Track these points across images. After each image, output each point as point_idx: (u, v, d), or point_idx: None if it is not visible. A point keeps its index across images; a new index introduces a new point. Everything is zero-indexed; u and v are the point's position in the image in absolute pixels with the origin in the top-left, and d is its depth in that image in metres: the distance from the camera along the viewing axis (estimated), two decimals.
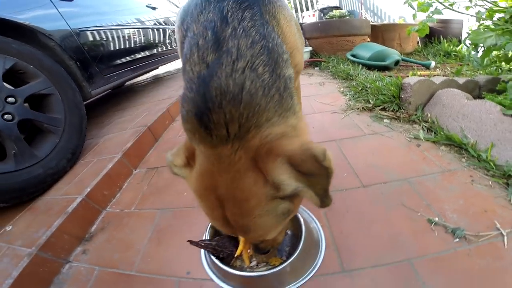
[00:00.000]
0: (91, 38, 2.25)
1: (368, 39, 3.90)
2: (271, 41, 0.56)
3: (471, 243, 0.86)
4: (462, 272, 0.79)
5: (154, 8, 3.79)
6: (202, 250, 1.12)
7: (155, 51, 3.56)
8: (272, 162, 0.48)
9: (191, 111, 0.50)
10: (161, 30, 3.73)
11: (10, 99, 1.39)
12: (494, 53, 1.94)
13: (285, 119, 0.54)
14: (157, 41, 3.62)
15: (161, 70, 6.14)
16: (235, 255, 0.97)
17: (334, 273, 0.88)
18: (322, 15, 7.15)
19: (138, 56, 3.10)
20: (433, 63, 2.98)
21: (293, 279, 0.90)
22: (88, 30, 2.22)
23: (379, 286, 0.81)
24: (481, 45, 1.81)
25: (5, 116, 1.35)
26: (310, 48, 3.98)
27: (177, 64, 7.11)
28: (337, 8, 7.11)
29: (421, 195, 1.10)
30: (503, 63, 2.11)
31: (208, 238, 1.10)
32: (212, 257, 0.98)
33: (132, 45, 2.95)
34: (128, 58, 2.85)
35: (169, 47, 4.01)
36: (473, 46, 2.10)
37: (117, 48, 2.65)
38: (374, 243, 0.95)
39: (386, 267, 0.86)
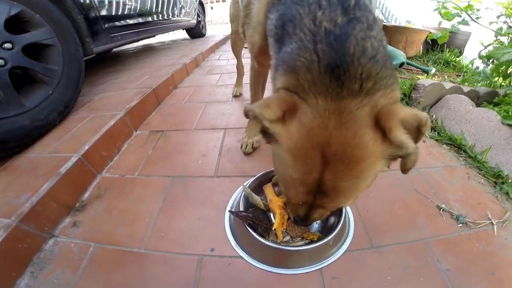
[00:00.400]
0: None
1: None
2: None
3: (470, 229, 0.94)
4: (465, 253, 0.85)
5: None
6: (227, 224, 0.97)
7: (160, 18, 3.30)
8: (394, 122, 0.46)
9: (317, 60, 0.48)
10: None
11: (7, 45, 1.18)
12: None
13: (398, 88, 0.53)
14: (165, 8, 3.38)
15: (154, 40, 5.69)
16: (273, 229, 0.87)
17: (364, 249, 0.87)
18: None
19: (145, 20, 2.89)
20: (433, 70, 2.92)
21: (332, 253, 0.86)
22: None
23: (404, 262, 0.83)
24: (491, 59, 2.03)
25: None
26: None
27: (170, 36, 6.68)
28: None
29: (430, 184, 1.13)
30: (500, 78, 2.17)
31: (243, 210, 0.91)
32: (251, 231, 0.84)
33: (142, 8, 2.77)
34: (136, 21, 2.68)
35: (172, 17, 3.68)
36: (485, 59, 2.31)
37: (127, 9, 2.46)
38: (397, 222, 0.96)
39: (408, 245, 0.88)
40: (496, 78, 2.27)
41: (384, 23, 3.77)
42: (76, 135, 1.25)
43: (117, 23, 2.30)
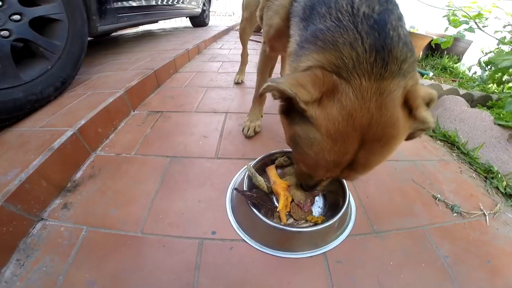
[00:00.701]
0: None
1: None
2: None
3: (465, 218, 0.95)
4: (461, 241, 0.86)
5: None
6: (228, 207, 0.91)
7: (168, 2, 3.20)
8: (419, 100, 0.49)
9: (361, 39, 0.47)
10: None
11: (15, 17, 1.10)
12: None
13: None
14: None
15: (155, 26, 5.53)
16: (277, 210, 0.83)
17: (366, 234, 0.86)
18: None
19: (153, 3, 2.79)
20: (431, 74, 2.95)
21: (335, 237, 0.83)
22: None
23: (404, 248, 0.82)
24: (489, 66, 2.12)
25: (2, 32, 1.05)
26: None
27: (171, 23, 6.51)
28: None
29: (425, 175, 1.15)
30: (494, 84, 2.23)
31: (247, 190, 0.85)
32: (256, 211, 0.80)
33: None
34: (144, 3, 2.58)
35: (179, 3, 3.56)
36: (483, 66, 2.45)
37: None
38: (395, 209, 0.96)
39: (407, 231, 0.88)
40: (491, 85, 2.35)
41: None
42: (72, 111, 1.16)
43: (126, 4, 2.21)
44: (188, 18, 4.97)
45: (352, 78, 0.46)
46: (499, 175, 1.15)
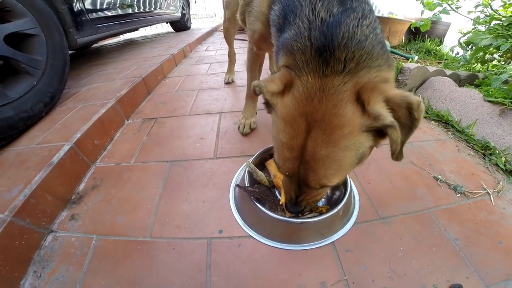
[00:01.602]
0: None
1: None
2: None
3: (469, 198, 0.95)
4: (469, 222, 0.86)
5: None
6: (232, 204, 0.93)
7: (145, 9, 3.20)
8: (375, 96, 0.50)
9: (310, 46, 0.55)
10: None
11: None
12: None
13: (389, 70, 0.58)
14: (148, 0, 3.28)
15: (136, 34, 5.51)
16: (280, 203, 0.83)
17: (372, 220, 0.87)
18: None
19: (130, 11, 2.80)
20: (416, 57, 2.99)
21: (341, 225, 0.84)
22: None
23: (413, 232, 0.82)
24: (470, 45, 2.26)
25: None
26: None
27: (153, 30, 6.50)
28: None
29: (424, 156, 1.16)
30: (479, 64, 2.34)
31: (249, 185, 0.88)
32: (259, 205, 0.82)
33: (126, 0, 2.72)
34: (121, 12, 2.60)
35: (156, 10, 3.56)
36: (464, 46, 2.53)
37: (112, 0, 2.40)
38: (399, 193, 0.97)
39: (413, 215, 0.88)
40: (475, 65, 2.43)
41: None
42: (66, 125, 1.17)
43: (101, 14, 2.21)
44: (168, 23, 4.96)
45: (301, 75, 0.56)
46: (497, 151, 1.15)
